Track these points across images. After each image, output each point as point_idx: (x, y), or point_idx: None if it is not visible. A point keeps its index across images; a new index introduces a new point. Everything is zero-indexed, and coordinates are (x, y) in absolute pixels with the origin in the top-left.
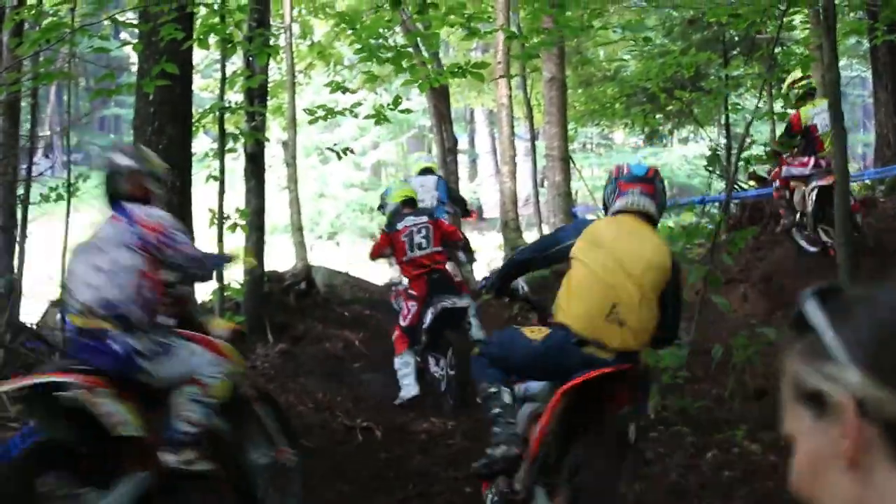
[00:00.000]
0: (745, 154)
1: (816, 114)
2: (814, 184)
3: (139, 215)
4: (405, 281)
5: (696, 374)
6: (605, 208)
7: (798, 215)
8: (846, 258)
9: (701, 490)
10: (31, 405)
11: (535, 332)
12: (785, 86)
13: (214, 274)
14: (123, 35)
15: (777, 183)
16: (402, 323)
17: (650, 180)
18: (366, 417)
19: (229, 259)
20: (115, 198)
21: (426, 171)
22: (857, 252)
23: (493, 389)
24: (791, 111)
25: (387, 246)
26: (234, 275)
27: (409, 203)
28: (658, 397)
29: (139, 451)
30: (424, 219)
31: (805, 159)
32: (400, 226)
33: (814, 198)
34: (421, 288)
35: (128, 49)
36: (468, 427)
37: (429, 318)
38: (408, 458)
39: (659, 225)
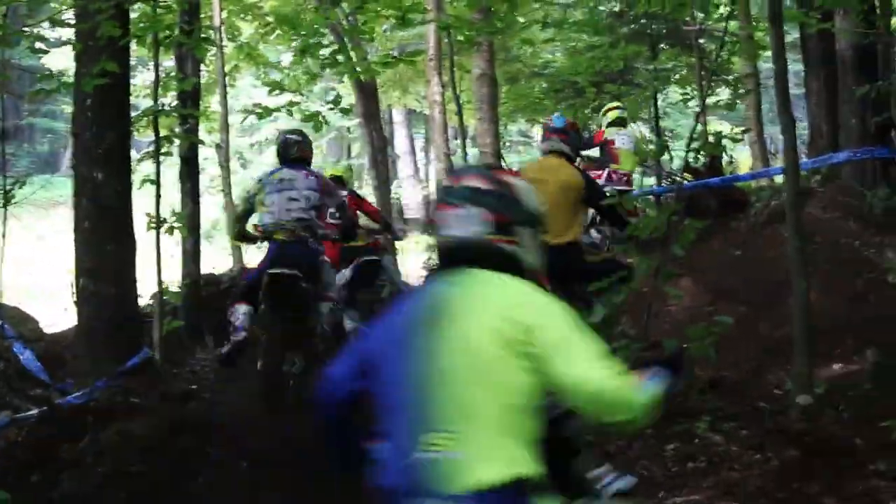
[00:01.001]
0: (694, 145)
1: (617, 133)
2: (612, 188)
3: (317, 172)
4: None
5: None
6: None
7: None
8: (797, 250)
9: (666, 481)
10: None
11: None
12: (601, 112)
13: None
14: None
15: None
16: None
17: (565, 131)
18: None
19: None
20: (288, 159)
21: (335, 180)
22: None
23: None
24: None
25: None
26: (172, 279)
27: (338, 181)
28: None
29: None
30: (344, 193)
31: (599, 172)
32: None
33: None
34: (334, 254)
35: (46, 58)
36: None
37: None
38: None
39: None
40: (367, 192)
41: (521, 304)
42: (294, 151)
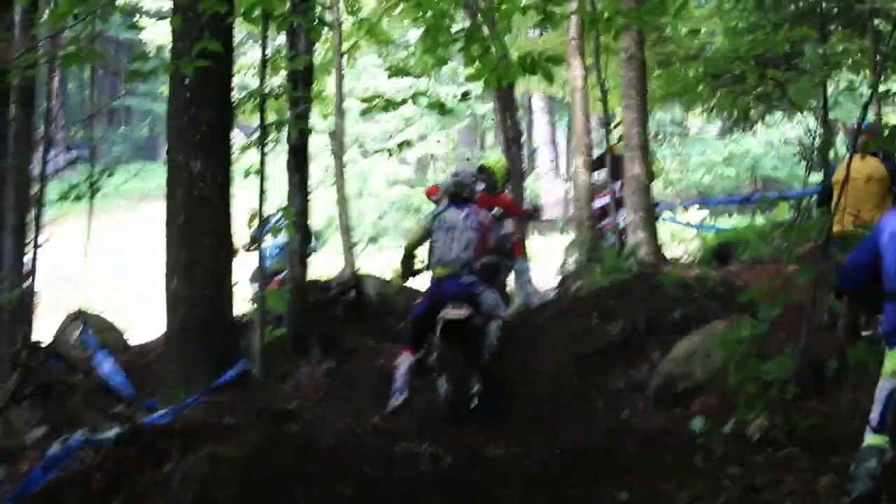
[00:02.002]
0: (861, 138)
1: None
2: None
3: (479, 212)
4: None
5: (807, 389)
6: None
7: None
8: None
9: None
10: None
11: None
12: (613, 125)
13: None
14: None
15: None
16: None
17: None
18: (431, 441)
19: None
20: (457, 198)
21: (483, 170)
22: None
23: None
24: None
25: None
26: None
27: (486, 173)
28: (764, 415)
29: None
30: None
31: (608, 189)
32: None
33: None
34: None
35: (145, 31)
36: (544, 454)
37: None
38: (480, 486)
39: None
40: None
41: None
42: (464, 193)
